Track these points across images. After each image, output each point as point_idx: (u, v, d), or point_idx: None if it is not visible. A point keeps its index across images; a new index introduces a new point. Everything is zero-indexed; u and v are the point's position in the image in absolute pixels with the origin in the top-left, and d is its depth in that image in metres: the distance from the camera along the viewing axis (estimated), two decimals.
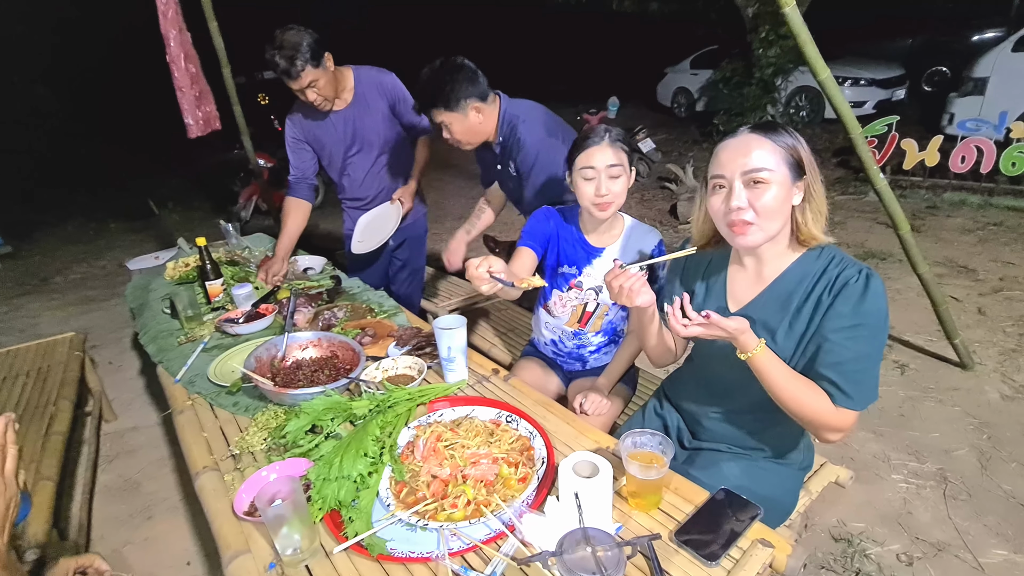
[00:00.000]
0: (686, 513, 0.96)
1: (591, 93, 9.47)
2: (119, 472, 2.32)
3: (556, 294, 1.63)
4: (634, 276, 1.08)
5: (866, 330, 0.97)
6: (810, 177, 1.00)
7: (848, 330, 0.98)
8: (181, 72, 2.78)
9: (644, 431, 1.00)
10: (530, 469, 1.05)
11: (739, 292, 1.14)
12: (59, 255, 5.61)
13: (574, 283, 1.59)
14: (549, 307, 1.67)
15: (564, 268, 1.59)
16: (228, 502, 1.07)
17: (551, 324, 1.69)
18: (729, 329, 0.97)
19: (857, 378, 0.98)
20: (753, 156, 0.97)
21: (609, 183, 1.40)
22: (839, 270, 1.01)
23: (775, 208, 0.98)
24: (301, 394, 1.30)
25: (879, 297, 0.98)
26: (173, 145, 10.71)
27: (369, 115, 2.17)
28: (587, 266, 1.56)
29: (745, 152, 0.98)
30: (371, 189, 2.35)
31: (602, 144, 1.38)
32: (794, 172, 0.99)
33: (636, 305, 1.11)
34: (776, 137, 0.98)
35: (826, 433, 1.03)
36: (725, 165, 1.00)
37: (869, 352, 0.98)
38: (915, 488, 1.90)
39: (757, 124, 1.02)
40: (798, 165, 0.99)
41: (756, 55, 6.64)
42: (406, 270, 2.54)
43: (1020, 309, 2.98)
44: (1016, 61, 5.39)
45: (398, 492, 1.03)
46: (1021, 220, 4.20)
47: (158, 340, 1.83)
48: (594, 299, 1.59)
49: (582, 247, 1.56)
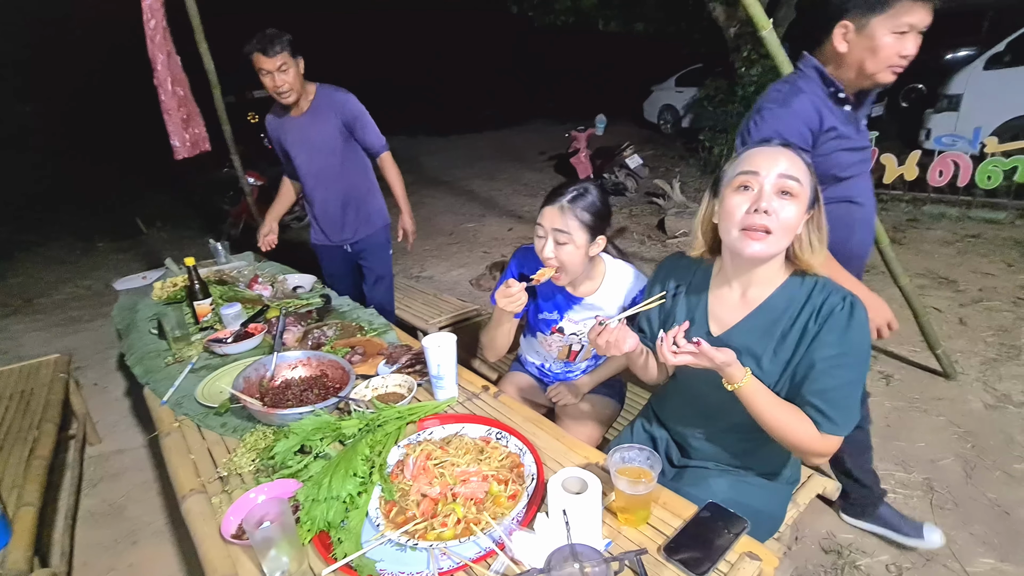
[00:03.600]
0: (675, 528, 0.97)
1: (579, 110, 9.62)
2: (103, 496, 2.28)
3: (540, 336, 1.66)
4: (615, 329, 1.11)
5: (851, 358, 0.99)
6: (819, 207, 1.02)
7: (835, 358, 0.99)
8: (168, 95, 2.82)
9: (632, 446, 1.01)
10: (520, 486, 1.06)
11: (722, 315, 1.13)
12: (44, 275, 5.54)
13: (555, 328, 1.60)
14: (536, 344, 1.72)
15: (545, 314, 1.60)
16: (215, 525, 1.06)
17: (540, 352, 1.73)
18: (717, 360, 0.98)
19: (842, 404, 0.99)
20: (791, 164, 0.97)
21: (556, 247, 1.37)
22: (824, 297, 1.02)
23: (793, 225, 0.98)
24: (290, 414, 1.30)
25: (863, 325, 0.99)
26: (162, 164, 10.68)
27: (321, 124, 2.36)
28: (568, 311, 1.56)
29: (784, 159, 0.97)
30: (319, 191, 2.49)
31: (554, 206, 1.36)
32: (813, 196, 1.00)
33: (623, 352, 1.14)
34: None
35: (811, 457, 1.05)
36: (761, 164, 0.97)
37: (853, 379, 1.00)
38: (903, 498, 1.92)
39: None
40: (815, 191, 1.01)
41: (739, 74, 6.80)
42: (372, 277, 2.65)
43: (1000, 319, 3.05)
44: (987, 79, 5.58)
45: (388, 512, 1.03)
46: (998, 232, 4.31)
47: (145, 361, 1.82)
48: (578, 341, 1.60)
49: (562, 294, 1.55)
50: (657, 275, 1.28)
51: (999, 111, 5.42)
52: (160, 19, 2.75)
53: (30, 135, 11.21)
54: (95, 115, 12.40)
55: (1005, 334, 2.89)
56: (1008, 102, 5.41)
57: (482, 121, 12.41)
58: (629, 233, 5.29)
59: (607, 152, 6.75)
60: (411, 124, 13.21)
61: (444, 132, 12.27)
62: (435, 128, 12.50)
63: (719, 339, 1.12)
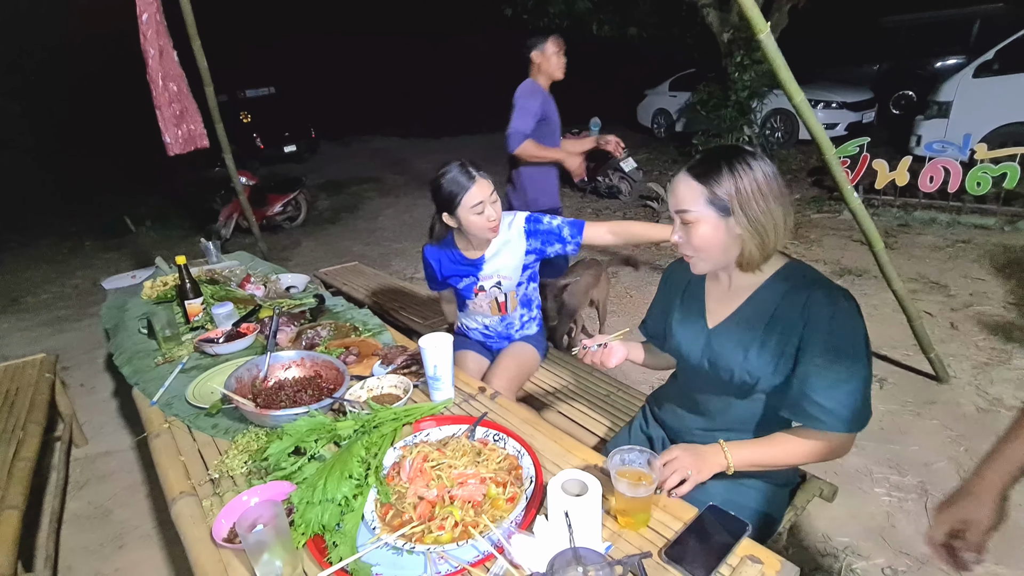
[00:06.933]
0: (675, 530, 0.96)
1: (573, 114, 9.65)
2: (89, 499, 2.23)
3: (470, 302, 1.84)
4: (598, 351, 1.27)
5: (841, 352, 0.98)
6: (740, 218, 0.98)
7: (823, 355, 0.98)
8: (159, 91, 2.77)
9: (632, 448, 1.00)
10: (518, 488, 1.04)
11: (715, 308, 1.16)
12: (30, 274, 5.46)
13: (477, 288, 1.79)
14: (471, 309, 1.87)
15: (463, 283, 1.80)
16: (206, 529, 1.04)
17: (477, 316, 1.89)
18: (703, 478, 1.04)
19: (842, 400, 0.98)
20: (679, 197, 1.03)
21: (494, 208, 1.62)
22: (808, 293, 1.01)
23: (706, 244, 1.03)
24: (283, 415, 1.27)
25: (849, 317, 0.98)
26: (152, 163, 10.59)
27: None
28: (479, 272, 1.76)
29: (674, 192, 1.04)
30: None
31: (476, 180, 1.58)
32: (720, 211, 0.99)
33: (613, 366, 1.30)
34: (705, 178, 0.99)
35: (830, 459, 1.06)
36: (670, 201, 1.07)
37: (848, 374, 0.98)
38: (897, 501, 1.92)
39: (695, 161, 1.03)
40: (724, 206, 0.99)
41: (732, 78, 6.84)
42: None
43: (990, 323, 3.07)
44: (977, 86, 5.65)
45: (384, 515, 1.01)
46: (988, 237, 4.35)
47: (134, 361, 1.78)
48: (500, 292, 1.79)
49: (465, 263, 1.77)
50: (664, 281, 1.34)
51: (988, 118, 5.49)
52: (153, 13, 2.70)
53: (18, 134, 11.05)
54: (86, 112, 12.26)
55: (996, 338, 2.91)
56: (997, 110, 5.48)
57: (475, 123, 12.40)
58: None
59: (601, 155, 6.76)
60: (403, 126, 13.19)
61: (437, 135, 12.25)
62: (428, 130, 12.49)
63: (713, 331, 1.14)
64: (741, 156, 0.99)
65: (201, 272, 2.47)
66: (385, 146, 11.97)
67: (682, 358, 1.21)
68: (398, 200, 7.57)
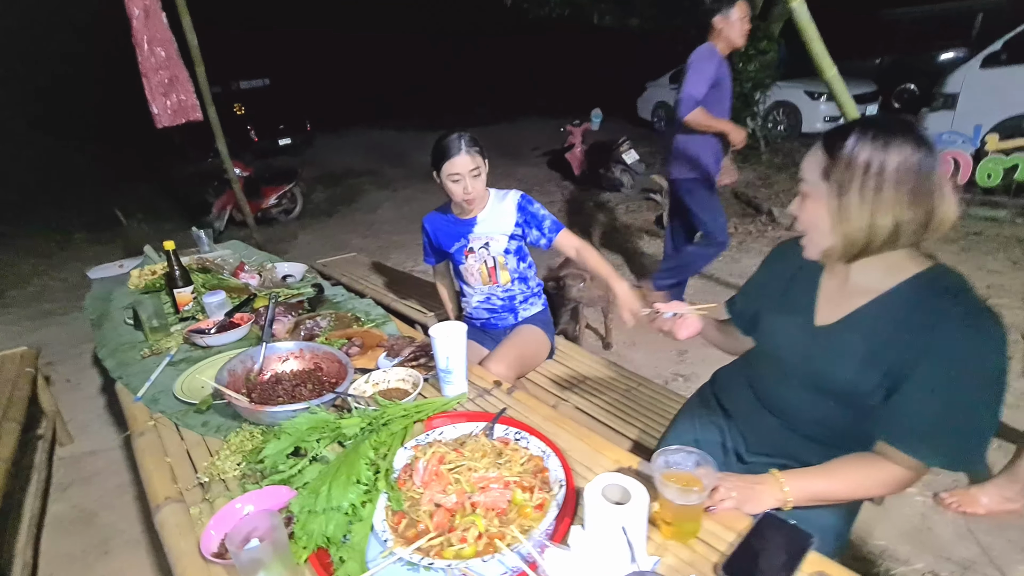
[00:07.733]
0: (729, 543, 0.84)
1: (574, 106, 9.50)
2: (73, 502, 2.10)
3: (462, 268, 1.87)
4: (670, 319, 1.19)
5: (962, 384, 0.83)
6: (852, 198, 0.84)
7: (937, 381, 0.84)
8: (144, 55, 2.55)
9: (679, 449, 0.88)
10: (547, 494, 0.92)
11: (827, 305, 1.01)
12: (17, 267, 5.29)
13: (467, 251, 1.83)
14: (465, 279, 1.90)
15: (455, 246, 1.85)
16: (194, 540, 0.92)
17: (475, 291, 1.90)
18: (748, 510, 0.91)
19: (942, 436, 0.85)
20: (803, 163, 0.92)
21: (472, 182, 1.68)
22: (944, 311, 0.85)
23: (814, 222, 0.92)
24: (281, 411, 1.15)
25: (986, 347, 0.83)
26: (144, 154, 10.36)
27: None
28: (469, 234, 1.81)
29: (805, 160, 0.93)
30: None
31: (461, 153, 1.64)
32: (836, 187, 0.86)
33: (683, 339, 1.21)
34: (831, 148, 0.86)
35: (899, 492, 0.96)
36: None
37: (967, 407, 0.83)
38: (932, 502, 1.82)
39: (837, 127, 0.89)
40: (840, 182, 0.85)
41: (735, 70, 6.73)
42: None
43: (1009, 316, 2.98)
44: (985, 77, 5.57)
45: (396, 524, 0.89)
46: (999, 230, 4.27)
47: (118, 354, 1.66)
48: (488, 255, 1.81)
49: (458, 225, 1.84)
50: (770, 261, 1.18)
51: (996, 109, 5.39)
52: None
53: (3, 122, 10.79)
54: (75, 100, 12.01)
55: (1016, 331, 2.82)
56: (1004, 100, 5.39)
57: (474, 116, 12.26)
58: (627, 228, 5.19)
59: (603, 148, 6.65)
60: (401, 118, 13.03)
61: (435, 127, 12.10)
62: (427, 123, 12.33)
63: (820, 331, 0.99)
64: (884, 131, 0.83)
65: (192, 261, 2.34)
66: (382, 139, 11.78)
67: (774, 351, 1.07)
68: (396, 193, 7.43)
